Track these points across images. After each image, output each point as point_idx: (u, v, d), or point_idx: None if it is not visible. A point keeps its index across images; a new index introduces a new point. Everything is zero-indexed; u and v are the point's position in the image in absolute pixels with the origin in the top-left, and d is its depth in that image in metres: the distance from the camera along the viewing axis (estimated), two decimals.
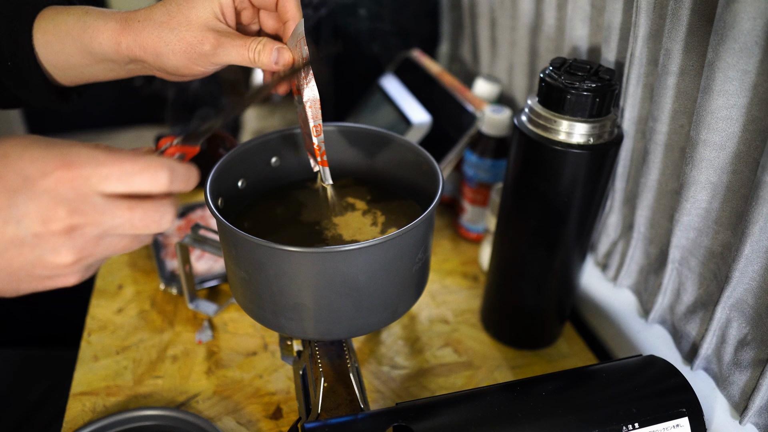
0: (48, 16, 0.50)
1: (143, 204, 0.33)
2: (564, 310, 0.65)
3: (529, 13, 0.74)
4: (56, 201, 0.31)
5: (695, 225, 0.52)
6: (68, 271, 0.33)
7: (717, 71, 0.43)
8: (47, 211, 0.31)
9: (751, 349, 0.49)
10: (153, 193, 0.34)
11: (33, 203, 0.31)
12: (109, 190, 0.32)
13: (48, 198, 0.31)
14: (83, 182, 0.31)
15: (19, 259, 0.32)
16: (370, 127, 0.56)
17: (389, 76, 0.92)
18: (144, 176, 0.33)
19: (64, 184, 0.31)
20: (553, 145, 0.52)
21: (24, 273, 0.33)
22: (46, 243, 0.31)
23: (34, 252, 0.32)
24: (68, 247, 0.32)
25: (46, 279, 0.33)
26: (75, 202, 0.31)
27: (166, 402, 0.58)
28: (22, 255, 0.32)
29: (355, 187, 0.58)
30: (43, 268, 0.32)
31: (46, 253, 0.32)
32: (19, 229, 0.31)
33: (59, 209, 0.31)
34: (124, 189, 0.32)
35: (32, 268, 0.32)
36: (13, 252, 0.31)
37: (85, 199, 0.31)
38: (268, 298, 0.46)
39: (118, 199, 0.32)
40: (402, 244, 0.45)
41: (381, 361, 0.64)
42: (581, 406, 0.45)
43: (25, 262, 0.32)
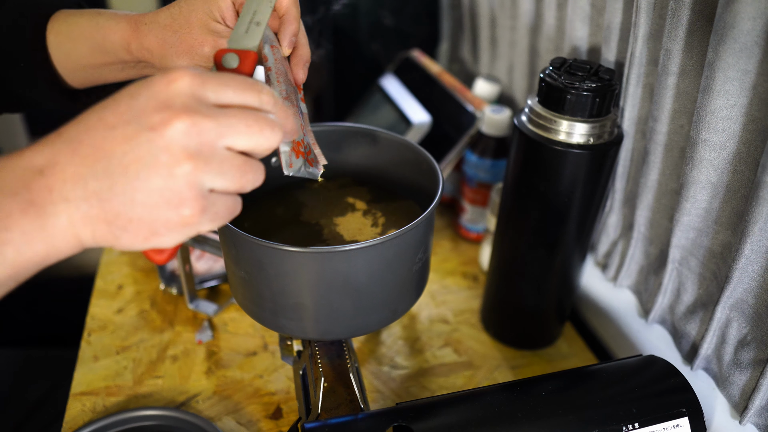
0: (61, 18, 0.51)
1: (254, 110, 0.33)
2: (564, 310, 0.65)
3: (529, 13, 0.74)
4: (174, 96, 0.30)
5: (695, 225, 0.52)
6: (183, 184, 0.30)
7: (717, 71, 0.43)
8: (164, 104, 0.30)
9: (751, 349, 0.49)
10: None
11: (152, 100, 0.30)
12: (223, 99, 0.32)
13: (166, 94, 0.31)
14: (201, 85, 0.31)
15: (137, 164, 0.30)
16: (369, 126, 0.56)
17: (389, 76, 0.92)
18: (253, 87, 0.33)
19: (183, 84, 0.31)
20: (553, 145, 0.52)
21: (140, 184, 0.30)
22: (160, 138, 0.30)
23: (149, 150, 0.30)
24: (182, 145, 0.30)
25: (161, 199, 0.30)
26: (191, 100, 0.31)
27: (166, 402, 0.58)
28: (139, 157, 0.30)
29: (355, 187, 0.58)
30: (158, 176, 0.30)
31: (160, 151, 0.30)
32: (139, 125, 0.30)
33: (176, 104, 0.30)
34: (237, 100, 0.33)
35: (148, 175, 0.30)
36: (131, 155, 0.30)
37: (200, 101, 0.31)
38: (268, 298, 0.46)
39: (230, 108, 0.32)
40: (402, 244, 0.45)
41: (381, 361, 0.64)
42: (581, 406, 0.45)
43: (142, 167, 0.30)
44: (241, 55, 0.39)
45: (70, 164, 0.30)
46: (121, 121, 0.30)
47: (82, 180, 0.30)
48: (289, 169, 0.43)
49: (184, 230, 0.32)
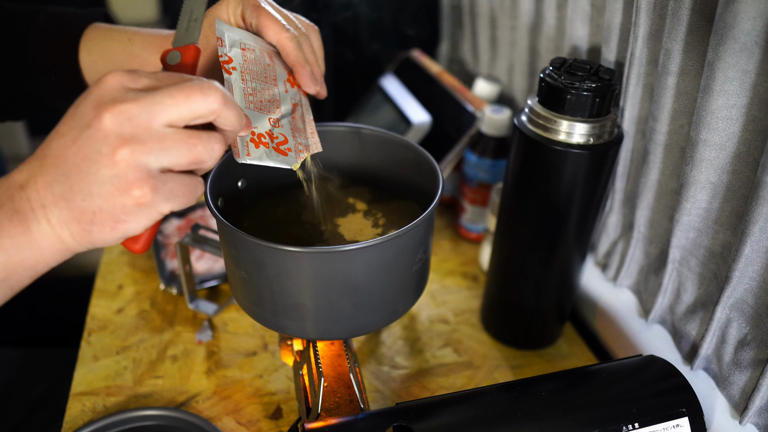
0: (93, 38, 0.53)
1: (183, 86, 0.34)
2: (564, 310, 0.65)
3: (529, 13, 0.74)
4: (104, 93, 0.33)
5: (695, 225, 0.52)
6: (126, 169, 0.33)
7: (717, 71, 0.43)
8: (96, 102, 0.33)
9: (751, 349, 0.49)
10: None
11: (87, 101, 0.34)
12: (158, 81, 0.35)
13: (98, 93, 0.33)
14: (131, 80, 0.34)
15: (86, 162, 0.33)
16: (370, 127, 0.56)
17: (389, 76, 0.92)
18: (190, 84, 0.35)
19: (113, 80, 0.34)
20: (553, 145, 0.52)
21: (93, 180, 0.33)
22: (97, 132, 0.33)
23: (92, 146, 0.33)
24: (116, 134, 0.32)
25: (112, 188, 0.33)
26: (120, 92, 0.33)
27: (166, 402, 0.58)
28: (86, 156, 0.33)
29: (355, 187, 0.58)
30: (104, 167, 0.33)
31: (100, 144, 0.33)
32: (80, 128, 0.33)
33: (105, 99, 0.33)
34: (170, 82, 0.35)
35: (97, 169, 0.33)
36: (80, 156, 0.33)
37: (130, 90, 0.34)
38: (268, 298, 0.46)
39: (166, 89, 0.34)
40: (402, 244, 0.45)
41: (381, 361, 0.64)
42: (581, 406, 0.45)
43: (90, 164, 0.33)
44: (182, 51, 0.42)
45: (41, 175, 0.34)
46: (68, 128, 0.34)
47: (49, 187, 0.34)
48: (246, 158, 0.45)
49: (143, 212, 0.34)
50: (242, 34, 0.48)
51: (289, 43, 0.48)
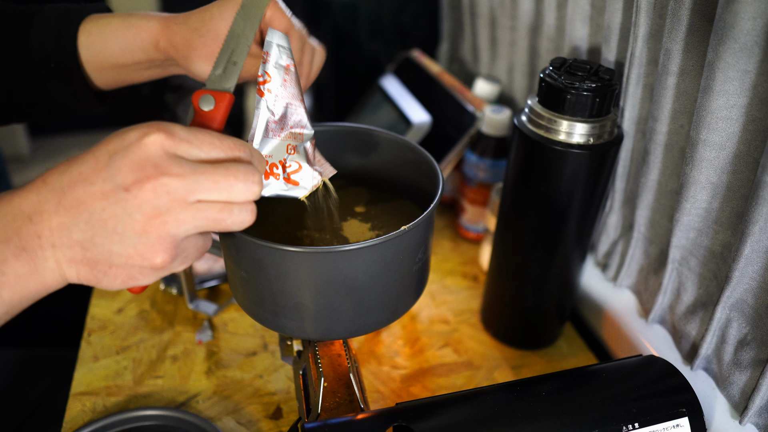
0: (93, 20, 0.54)
1: (226, 164, 0.35)
2: (564, 310, 0.65)
3: (529, 13, 0.74)
4: (146, 157, 0.33)
5: (695, 225, 0.52)
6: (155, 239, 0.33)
7: (717, 71, 0.43)
8: (137, 165, 0.33)
9: (751, 349, 0.49)
10: None
11: (127, 158, 0.33)
12: (195, 156, 0.34)
13: (139, 154, 0.33)
14: (173, 145, 0.33)
15: (113, 221, 0.33)
16: (370, 126, 0.56)
17: (389, 76, 0.92)
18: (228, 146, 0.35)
19: (156, 144, 0.33)
20: (553, 145, 0.52)
21: (117, 237, 0.33)
22: (134, 198, 0.33)
23: (125, 209, 0.33)
24: (153, 205, 0.33)
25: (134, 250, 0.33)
26: (162, 159, 0.33)
27: (166, 402, 0.58)
28: (115, 214, 0.33)
29: (354, 188, 0.58)
30: (132, 229, 0.33)
31: (133, 210, 0.33)
32: (114, 184, 0.33)
33: (147, 164, 0.32)
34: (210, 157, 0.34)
35: (123, 229, 0.33)
36: (108, 211, 0.33)
37: (172, 159, 0.33)
38: (268, 298, 0.46)
39: (204, 164, 0.34)
40: (402, 244, 0.45)
41: (381, 361, 0.64)
42: (581, 406, 0.45)
43: (117, 223, 0.33)
44: (216, 97, 0.40)
45: (56, 214, 0.33)
46: (99, 177, 0.33)
47: (66, 230, 0.33)
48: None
49: (156, 274, 0.35)
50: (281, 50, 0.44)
51: (295, 42, 0.49)
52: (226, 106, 0.40)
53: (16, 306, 0.35)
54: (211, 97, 0.40)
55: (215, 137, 0.35)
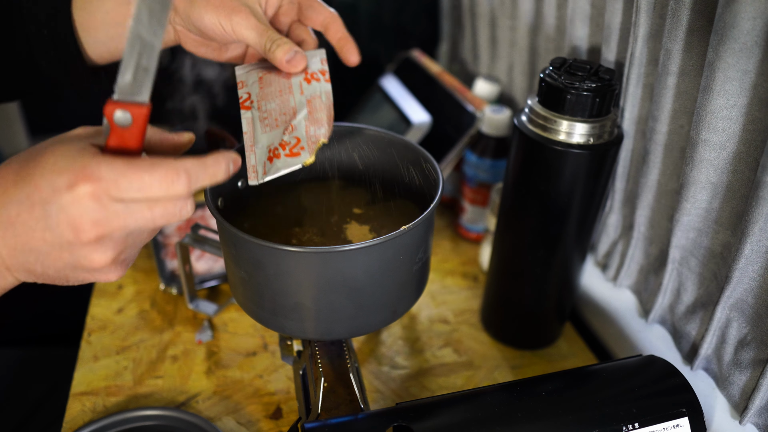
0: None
1: (161, 202, 0.35)
2: (564, 310, 0.65)
3: (529, 13, 0.74)
4: (81, 213, 0.34)
5: (695, 225, 0.52)
6: (106, 270, 0.37)
7: (717, 71, 0.43)
8: (75, 223, 0.34)
9: (751, 349, 0.49)
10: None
11: (63, 214, 0.34)
12: (128, 197, 0.34)
13: (74, 210, 0.34)
14: (104, 194, 0.34)
15: (62, 260, 0.36)
16: (369, 126, 0.56)
17: (389, 76, 0.92)
18: (162, 185, 0.35)
19: (86, 197, 0.33)
20: (553, 145, 0.52)
21: (69, 270, 0.37)
22: (79, 250, 0.35)
23: (73, 255, 0.35)
24: (99, 252, 0.35)
25: (89, 275, 0.37)
26: (98, 212, 0.34)
27: (166, 402, 0.58)
28: (62, 257, 0.35)
29: (354, 188, 0.58)
30: (83, 269, 0.36)
31: (81, 258, 0.35)
32: (55, 236, 0.35)
33: (85, 223, 0.34)
34: (143, 197, 0.35)
35: (74, 268, 0.36)
36: (55, 254, 0.35)
37: (107, 208, 0.34)
38: (268, 298, 0.46)
39: (137, 202, 0.35)
40: (402, 244, 0.45)
41: (381, 361, 0.64)
42: (581, 406, 0.45)
43: (67, 262, 0.36)
44: (132, 112, 0.35)
45: (3, 244, 0.35)
46: (38, 226, 0.34)
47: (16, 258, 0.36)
48: (263, 177, 0.45)
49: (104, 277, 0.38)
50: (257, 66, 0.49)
51: (338, 20, 0.52)
52: (144, 120, 0.35)
53: None
54: (126, 113, 0.35)
55: (146, 174, 0.34)
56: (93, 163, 0.33)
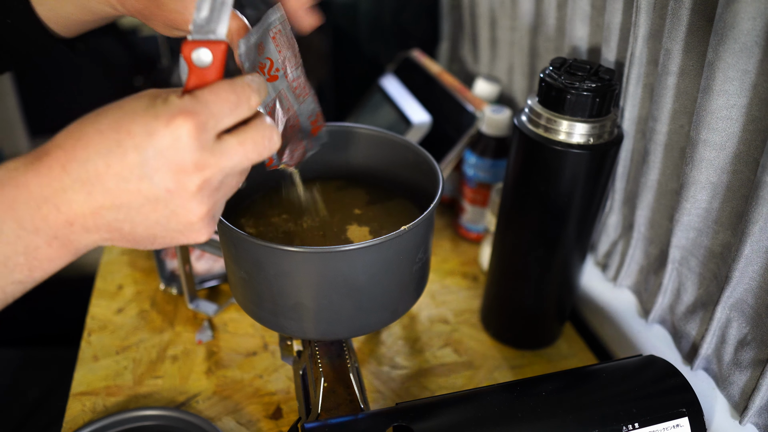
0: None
1: (249, 134, 0.34)
2: (564, 310, 0.65)
3: (529, 13, 0.74)
4: (183, 156, 0.32)
5: (695, 225, 0.52)
6: (199, 225, 0.34)
7: (717, 71, 0.43)
8: (177, 167, 0.32)
9: (751, 349, 0.49)
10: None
11: (162, 159, 0.31)
12: (222, 126, 0.33)
13: (175, 153, 0.31)
14: (202, 129, 0.32)
15: (155, 214, 0.33)
16: (369, 127, 0.56)
17: (389, 76, 0.92)
18: (243, 104, 0.34)
19: (186, 136, 0.31)
20: (553, 145, 0.52)
21: (160, 227, 0.34)
22: (178, 198, 0.33)
23: (168, 207, 0.33)
24: (198, 201, 0.33)
25: (179, 234, 0.35)
26: (198, 153, 0.32)
27: (166, 402, 0.58)
28: (157, 210, 0.33)
29: (354, 188, 0.58)
30: (177, 223, 0.34)
31: (179, 208, 0.33)
32: (153, 185, 0.32)
33: (188, 166, 0.32)
34: (235, 121, 0.34)
35: (167, 222, 0.34)
36: (149, 207, 0.33)
37: (205, 147, 0.32)
38: (268, 298, 0.46)
39: (227, 137, 0.33)
40: (402, 244, 0.45)
41: (381, 361, 0.64)
42: (581, 406, 0.45)
43: (160, 217, 0.33)
44: (212, 48, 0.34)
45: (87, 204, 0.32)
46: (133, 175, 0.32)
47: (102, 218, 0.33)
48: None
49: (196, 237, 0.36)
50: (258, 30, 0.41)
51: None
52: (223, 58, 0.34)
53: (41, 280, 0.35)
54: (206, 50, 0.34)
55: (229, 93, 0.33)
56: (183, 103, 0.32)
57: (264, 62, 0.42)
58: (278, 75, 0.43)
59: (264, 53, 0.42)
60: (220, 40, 0.34)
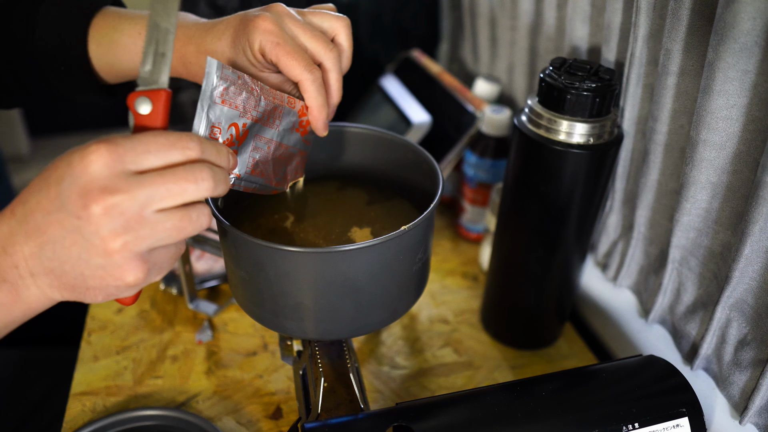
0: (102, 29, 0.51)
1: (176, 169, 0.33)
2: (564, 310, 0.65)
3: (529, 13, 0.74)
4: (91, 180, 0.32)
5: (695, 225, 0.52)
6: (119, 259, 0.33)
7: (717, 71, 0.43)
8: (84, 191, 0.32)
9: (751, 349, 0.49)
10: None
11: (74, 186, 0.32)
12: (145, 165, 0.33)
13: (84, 178, 0.32)
14: (117, 159, 0.32)
15: (76, 247, 0.33)
16: (369, 127, 0.56)
17: (389, 76, 0.92)
18: (177, 147, 0.33)
19: (99, 163, 0.32)
20: (553, 145, 0.52)
21: (84, 264, 0.33)
22: (87, 224, 0.32)
23: (83, 236, 0.32)
24: (109, 228, 0.32)
25: (103, 271, 0.34)
26: (108, 179, 0.32)
27: (166, 402, 0.58)
28: (76, 242, 0.33)
29: (354, 188, 0.58)
30: (96, 255, 0.33)
31: (91, 236, 0.32)
32: (67, 213, 0.32)
33: (93, 188, 0.32)
34: (160, 162, 0.33)
35: (88, 256, 0.33)
36: (69, 240, 0.33)
37: (118, 176, 0.32)
38: (268, 298, 0.46)
39: (149, 172, 0.33)
40: (402, 244, 0.45)
41: (381, 361, 0.64)
42: (581, 406, 0.45)
43: (81, 250, 0.33)
44: (152, 97, 0.36)
45: (25, 245, 0.34)
46: (53, 206, 0.33)
47: (38, 258, 0.34)
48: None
49: (134, 289, 0.36)
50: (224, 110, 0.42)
51: (311, 86, 0.46)
52: (165, 104, 0.37)
53: (2, 330, 0.37)
54: (146, 98, 0.36)
55: (161, 137, 0.34)
56: (109, 138, 0.33)
57: (229, 135, 0.43)
58: (247, 125, 0.44)
59: (223, 126, 0.42)
60: (161, 88, 0.37)
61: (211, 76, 0.41)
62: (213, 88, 0.41)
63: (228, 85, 0.42)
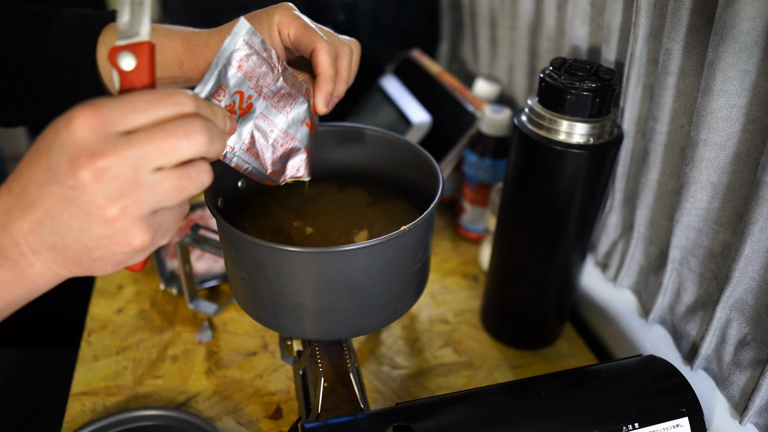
0: (109, 41, 0.51)
1: (164, 125, 0.31)
2: (564, 310, 0.65)
3: (529, 13, 0.74)
4: (78, 146, 0.30)
5: (695, 225, 0.52)
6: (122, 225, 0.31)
7: (717, 71, 0.43)
8: (72, 158, 0.30)
9: (751, 349, 0.49)
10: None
11: (62, 154, 0.30)
12: (133, 124, 0.31)
13: (71, 145, 0.30)
14: (103, 121, 0.30)
15: (75, 219, 0.31)
16: (369, 127, 0.56)
17: (389, 76, 0.92)
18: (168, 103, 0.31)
19: (84, 128, 0.30)
20: (553, 145, 0.52)
21: (86, 235, 0.32)
22: (81, 193, 0.30)
23: (79, 206, 0.31)
24: (104, 195, 0.30)
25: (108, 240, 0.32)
26: (95, 143, 0.30)
27: (166, 402, 0.58)
28: (74, 214, 0.31)
29: (354, 188, 0.58)
30: (96, 224, 0.31)
31: (87, 205, 0.31)
32: (60, 184, 0.30)
33: (81, 154, 0.30)
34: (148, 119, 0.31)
35: (88, 227, 0.31)
36: (67, 212, 0.31)
37: (106, 138, 0.30)
38: (268, 298, 0.46)
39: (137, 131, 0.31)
40: (402, 244, 0.45)
41: (381, 361, 0.64)
42: (581, 406, 0.45)
43: (80, 222, 0.31)
44: (135, 50, 0.34)
45: (23, 220, 0.32)
46: (45, 179, 0.31)
47: (38, 235, 0.32)
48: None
49: (143, 254, 0.34)
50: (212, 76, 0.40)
51: (325, 55, 0.45)
52: (149, 58, 0.34)
53: (4, 311, 0.35)
54: (128, 52, 0.33)
55: (148, 94, 0.31)
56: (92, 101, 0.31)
57: (232, 101, 0.41)
58: (252, 102, 0.42)
59: (229, 90, 0.40)
60: (144, 41, 0.34)
61: (237, 36, 0.39)
62: (234, 50, 0.39)
63: (251, 53, 0.40)
